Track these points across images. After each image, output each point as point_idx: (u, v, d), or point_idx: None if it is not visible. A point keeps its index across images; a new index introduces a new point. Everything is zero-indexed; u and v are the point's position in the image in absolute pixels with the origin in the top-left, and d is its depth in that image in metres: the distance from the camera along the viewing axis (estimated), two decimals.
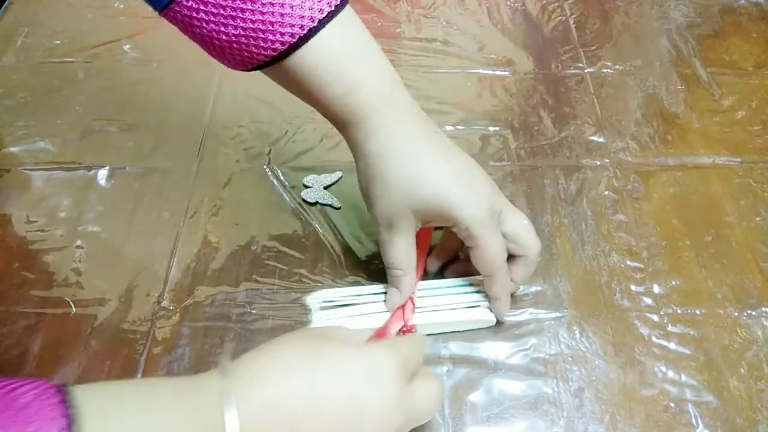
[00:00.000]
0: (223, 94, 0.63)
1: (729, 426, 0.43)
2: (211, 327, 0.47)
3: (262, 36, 0.37)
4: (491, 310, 0.46)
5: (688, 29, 0.71)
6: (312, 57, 0.39)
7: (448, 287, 0.47)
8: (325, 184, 0.55)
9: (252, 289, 0.49)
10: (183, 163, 0.57)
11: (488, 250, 0.41)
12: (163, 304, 0.48)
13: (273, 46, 0.38)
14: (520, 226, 0.43)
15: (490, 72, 0.66)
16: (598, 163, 0.58)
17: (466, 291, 0.47)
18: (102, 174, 0.56)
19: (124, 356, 0.45)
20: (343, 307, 0.46)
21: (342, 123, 0.42)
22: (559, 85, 0.65)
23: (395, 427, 0.32)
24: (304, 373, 0.30)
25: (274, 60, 0.39)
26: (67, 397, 0.25)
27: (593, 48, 0.69)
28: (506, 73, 0.66)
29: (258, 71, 0.41)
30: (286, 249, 0.51)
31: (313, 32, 0.38)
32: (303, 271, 0.50)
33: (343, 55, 0.39)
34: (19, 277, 0.49)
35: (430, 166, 0.41)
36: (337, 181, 0.56)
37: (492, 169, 0.57)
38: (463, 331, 0.46)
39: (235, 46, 0.38)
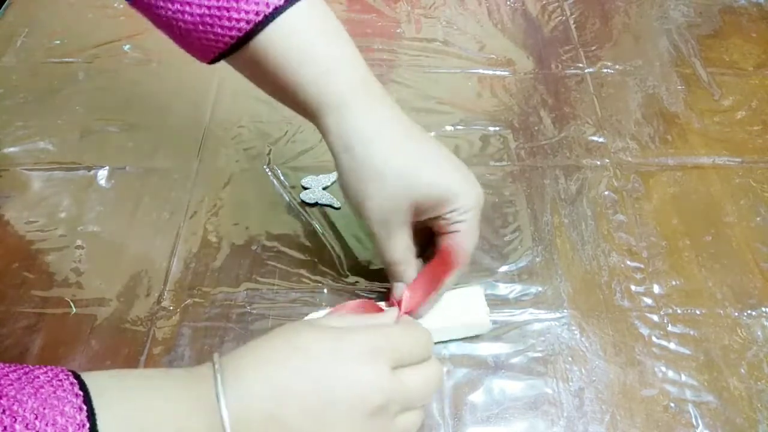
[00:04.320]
0: (223, 94, 0.63)
1: (729, 426, 0.43)
2: (211, 327, 0.47)
3: (227, 14, 0.37)
4: (487, 315, 0.45)
5: (688, 29, 0.71)
6: (279, 37, 0.37)
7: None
8: (323, 185, 0.55)
9: (252, 289, 0.49)
10: (183, 163, 0.57)
11: (468, 240, 0.41)
12: (163, 304, 0.48)
13: (238, 26, 0.37)
14: None
15: (490, 72, 0.66)
16: (598, 163, 0.58)
17: (458, 297, 0.46)
18: (102, 174, 0.56)
19: (125, 356, 0.45)
20: None
21: (316, 109, 0.39)
22: (559, 85, 0.65)
23: (374, 405, 0.32)
24: (278, 363, 0.32)
25: (240, 43, 0.38)
26: (80, 382, 0.28)
27: (593, 48, 0.69)
28: (506, 73, 0.66)
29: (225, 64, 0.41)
30: (286, 249, 0.51)
31: (279, 11, 0.37)
32: (303, 271, 0.50)
33: (312, 35, 0.38)
34: (19, 277, 0.49)
35: (425, 154, 0.40)
36: (335, 181, 0.56)
37: (492, 169, 0.57)
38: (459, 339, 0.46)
39: (200, 28, 0.38)
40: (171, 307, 0.48)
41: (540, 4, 0.74)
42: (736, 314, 0.48)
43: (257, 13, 0.37)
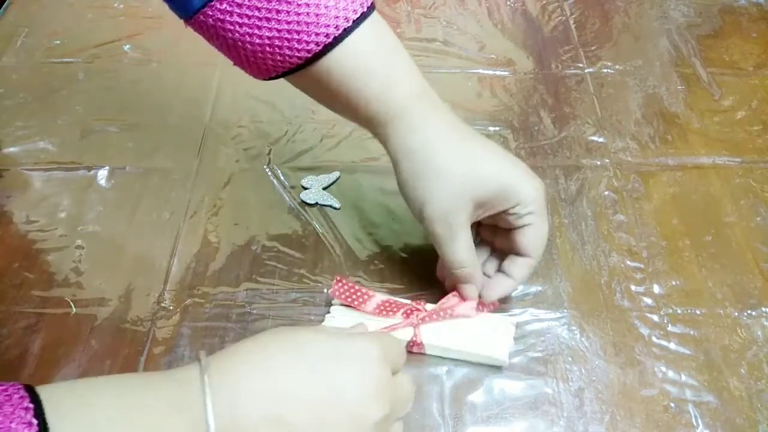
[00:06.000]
0: (223, 94, 0.63)
1: (729, 426, 0.43)
2: (211, 327, 0.47)
3: (297, 37, 0.37)
4: (506, 350, 0.45)
5: (688, 29, 0.71)
6: (348, 57, 0.38)
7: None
8: (323, 185, 0.55)
9: (252, 289, 0.49)
10: (183, 163, 0.57)
11: (541, 231, 0.42)
12: (163, 304, 0.48)
13: (307, 48, 0.37)
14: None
15: (490, 72, 0.66)
16: (598, 163, 0.58)
17: (483, 325, 0.45)
18: (102, 174, 0.56)
19: (125, 356, 0.45)
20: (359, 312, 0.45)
21: (379, 122, 0.41)
22: (559, 85, 0.65)
23: (378, 415, 0.32)
24: (278, 362, 0.31)
25: (306, 63, 0.38)
26: (36, 399, 0.26)
27: (593, 48, 0.69)
28: (506, 73, 0.66)
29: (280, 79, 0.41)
30: (286, 249, 0.51)
31: (347, 32, 0.38)
32: (303, 271, 0.50)
33: (377, 54, 0.40)
34: (19, 277, 0.49)
35: (483, 152, 0.41)
36: (335, 181, 0.56)
37: None
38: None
39: (267, 49, 0.38)
40: (171, 307, 0.48)
41: (540, 4, 0.74)
42: (736, 314, 0.48)
43: (327, 35, 0.37)
